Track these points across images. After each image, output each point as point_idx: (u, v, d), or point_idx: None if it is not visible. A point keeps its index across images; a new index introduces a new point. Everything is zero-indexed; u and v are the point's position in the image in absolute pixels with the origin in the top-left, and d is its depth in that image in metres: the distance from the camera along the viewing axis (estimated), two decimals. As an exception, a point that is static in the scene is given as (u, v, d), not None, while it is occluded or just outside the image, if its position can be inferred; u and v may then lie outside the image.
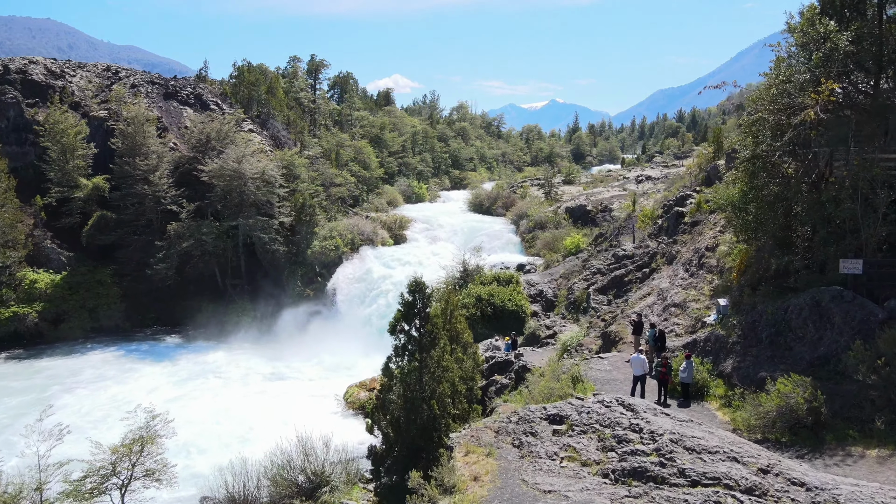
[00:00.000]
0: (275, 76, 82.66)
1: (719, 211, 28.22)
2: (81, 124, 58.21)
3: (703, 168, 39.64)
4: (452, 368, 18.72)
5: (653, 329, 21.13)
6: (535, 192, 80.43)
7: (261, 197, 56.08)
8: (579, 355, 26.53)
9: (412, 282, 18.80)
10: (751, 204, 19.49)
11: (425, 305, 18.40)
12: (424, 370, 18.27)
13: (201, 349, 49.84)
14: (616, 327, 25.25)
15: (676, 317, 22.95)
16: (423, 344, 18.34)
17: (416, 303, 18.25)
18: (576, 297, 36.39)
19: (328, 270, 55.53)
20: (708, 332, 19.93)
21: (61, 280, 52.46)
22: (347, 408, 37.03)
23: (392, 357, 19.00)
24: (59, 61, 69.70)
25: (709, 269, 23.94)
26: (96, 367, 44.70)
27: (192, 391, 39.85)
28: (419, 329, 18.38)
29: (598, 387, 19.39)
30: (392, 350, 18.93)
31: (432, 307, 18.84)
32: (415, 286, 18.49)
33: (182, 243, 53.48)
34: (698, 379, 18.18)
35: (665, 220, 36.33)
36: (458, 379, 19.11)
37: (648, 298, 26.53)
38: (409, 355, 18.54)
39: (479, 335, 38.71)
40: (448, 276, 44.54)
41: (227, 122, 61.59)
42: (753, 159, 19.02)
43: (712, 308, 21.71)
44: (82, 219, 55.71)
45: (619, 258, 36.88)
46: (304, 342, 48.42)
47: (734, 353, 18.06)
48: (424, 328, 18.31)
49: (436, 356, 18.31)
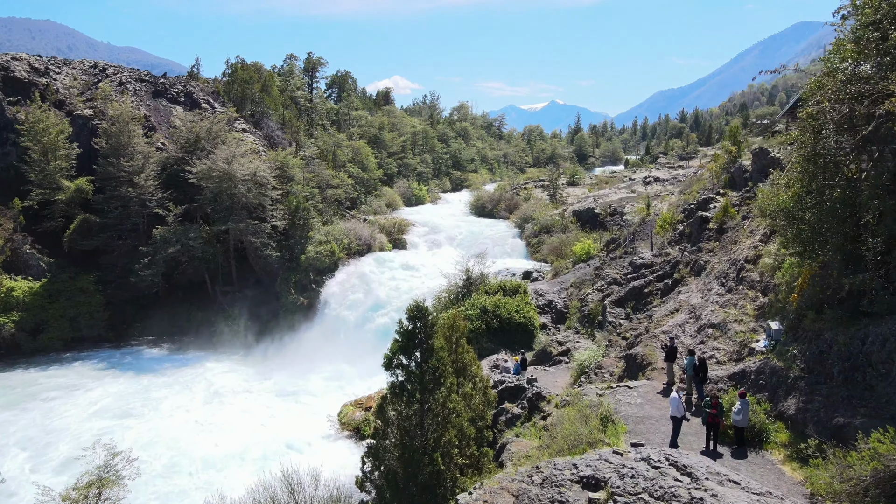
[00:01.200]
0: (270, 74, 79.65)
1: (756, 217, 25.28)
2: (64, 123, 55.30)
3: (727, 169, 36.70)
4: (460, 410, 15.78)
5: (691, 357, 18.20)
6: (540, 195, 77.63)
7: (252, 199, 53.13)
8: (599, 379, 23.61)
9: (411, 307, 15.88)
10: (808, 211, 16.60)
11: (427, 335, 15.46)
12: (427, 413, 15.34)
13: (187, 361, 46.91)
14: (642, 349, 22.30)
15: (715, 340, 20.01)
16: (425, 382, 15.39)
17: (417, 332, 15.34)
18: (590, 309, 33.44)
19: (323, 277, 52.57)
20: (759, 361, 16.93)
21: (40, 288, 49.48)
22: (341, 429, 34.09)
23: (388, 397, 16.02)
24: (43, 58, 66.72)
25: (750, 285, 21.01)
26: (71, 381, 41.74)
27: (172, 410, 36.89)
28: (420, 364, 15.45)
29: (631, 426, 16.49)
30: (387, 387, 15.95)
31: (436, 336, 15.86)
32: (415, 312, 15.56)
33: (168, 249, 50.53)
34: (755, 422, 15.29)
35: (687, 226, 33.38)
36: (466, 422, 16.15)
37: (678, 316, 23.58)
38: (409, 395, 15.57)
39: (484, 349, 35.84)
40: (450, 285, 41.64)
41: (217, 121, 58.64)
42: (814, 158, 16.11)
43: (760, 331, 18.80)
44: (64, 222, 52.80)
45: (636, 267, 33.94)
46: (296, 354, 45.49)
47: (798, 391, 15.09)
48: (427, 363, 15.38)
49: (440, 397, 15.37)
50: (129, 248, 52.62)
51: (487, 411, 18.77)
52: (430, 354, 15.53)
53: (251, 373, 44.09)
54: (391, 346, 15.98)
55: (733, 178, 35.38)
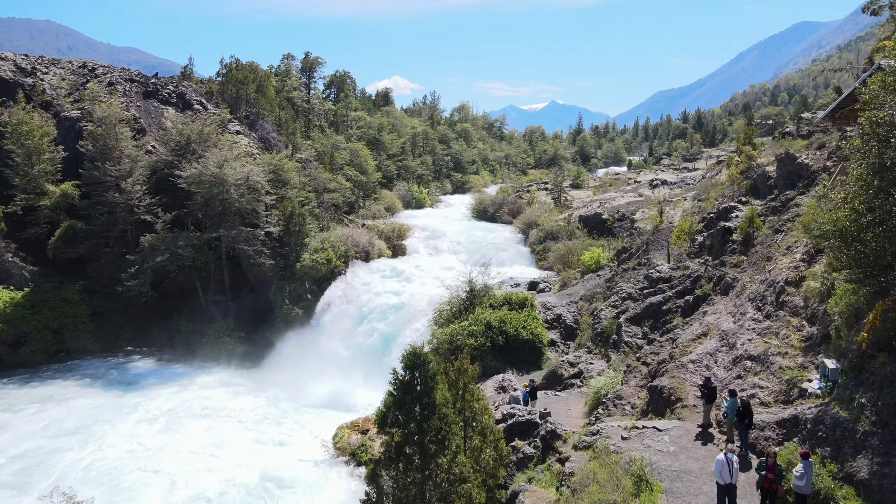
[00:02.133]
0: (265, 74, 77.32)
1: (792, 230, 22.96)
2: (49, 125, 53.02)
3: (747, 174, 34.40)
4: (468, 475, 13.42)
5: (733, 398, 15.91)
6: (544, 198, 75.29)
7: (245, 205, 50.80)
8: (619, 412, 21.29)
9: (408, 354, 13.49)
10: (870, 232, 14.32)
11: (428, 388, 13.07)
12: (428, 482, 13.01)
13: (176, 376, 44.60)
14: (668, 381, 19.95)
15: (755, 375, 17.68)
16: (426, 446, 13.01)
17: (416, 383, 12.98)
18: (603, 327, 31.11)
19: (319, 287, 50.21)
20: (814, 406, 14.59)
21: (23, 298, 47.21)
22: (336, 455, 31.74)
23: (381, 460, 13.61)
24: (30, 57, 64.39)
25: (793, 311, 18.70)
26: (51, 399, 39.40)
27: (156, 434, 34.38)
28: (421, 423, 13.08)
29: (667, 484, 14.21)
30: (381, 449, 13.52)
31: (439, 388, 13.46)
32: (412, 360, 13.13)
33: (156, 257, 48.19)
34: (819, 487, 12.98)
35: (708, 237, 31.08)
36: (476, 489, 13.75)
37: (707, 342, 21.27)
38: (406, 460, 13.18)
39: (489, 368, 33.64)
40: (452, 297, 39.34)
41: (209, 123, 56.31)
42: (881, 171, 13.82)
43: (811, 368, 16.47)
44: (49, 229, 50.52)
45: (652, 281, 31.61)
46: (290, 369, 43.14)
47: (870, 450, 12.81)
48: (429, 421, 13.03)
49: (445, 462, 13.02)
50: (117, 255, 50.37)
51: (500, 469, 16.34)
52: (432, 411, 13.17)
53: (241, 390, 41.74)
54: (384, 399, 13.66)
55: (755, 185, 33.09)
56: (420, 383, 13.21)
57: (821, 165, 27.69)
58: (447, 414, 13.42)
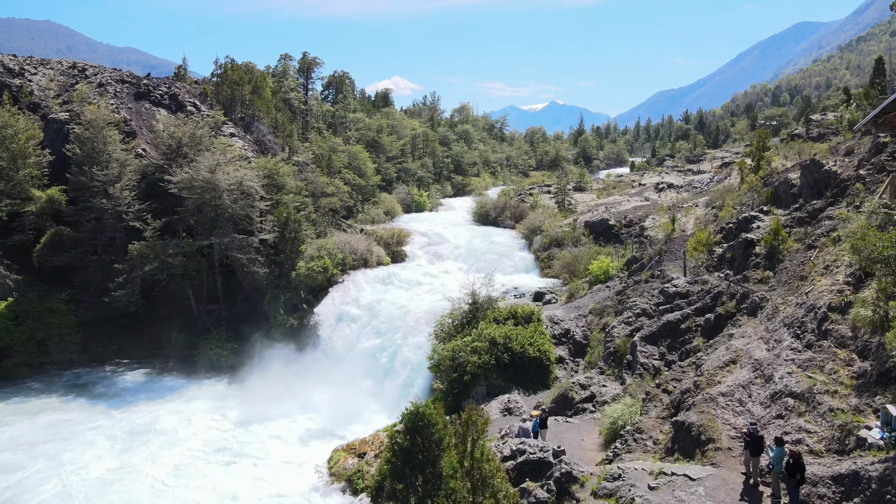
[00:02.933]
0: (262, 74, 75.31)
1: (826, 246, 20.98)
2: (35, 127, 51.14)
3: (768, 181, 32.42)
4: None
5: (779, 447, 13.94)
6: (547, 201, 73.24)
7: (238, 211, 48.81)
8: (640, 448, 19.33)
9: (408, 413, 11.50)
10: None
11: (434, 456, 11.10)
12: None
13: (165, 390, 42.67)
14: (697, 416, 17.95)
15: (799, 416, 15.64)
16: (430, 527, 11.10)
17: (417, 451, 10.97)
18: (616, 345, 29.13)
19: (315, 296, 48.20)
20: (878, 461, 12.62)
21: (6, 308, 45.27)
22: (332, 481, 29.78)
23: (377, 542, 11.79)
24: (18, 57, 62.52)
25: (839, 342, 16.73)
26: (23, 413, 37.43)
27: (141, 457, 32.38)
28: (423, 498, 11.12)
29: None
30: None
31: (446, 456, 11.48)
32: (413, 421, 11.09)
33: (145, 266, 46.22)
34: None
35: (728, 250, 29.10)
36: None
37: (737, 371, 19.25)
38: (406, 544, 11.29)
39: (493, 387, 31.75)
40: (454, 309, 37.40)
41: (201, 126, 54.33)
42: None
43: (867, 412, 14.51)
44: (35, 236, 48.57)
45: (669, 296, 29.63)
46: (283, 384, 40.99)
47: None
48: (434, 498, 11.07)
49: (452, 546, 11.14)
50: (105, 264, 48.39)
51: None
52: (437, 486, 11.16)
53: (232, 404, 39.81)
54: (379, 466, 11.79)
55: (777, 194, 31.13)
56: (423, 450, 11.20)
57: (851, 174, 25.73)
58: (456, 489, 11.34)
